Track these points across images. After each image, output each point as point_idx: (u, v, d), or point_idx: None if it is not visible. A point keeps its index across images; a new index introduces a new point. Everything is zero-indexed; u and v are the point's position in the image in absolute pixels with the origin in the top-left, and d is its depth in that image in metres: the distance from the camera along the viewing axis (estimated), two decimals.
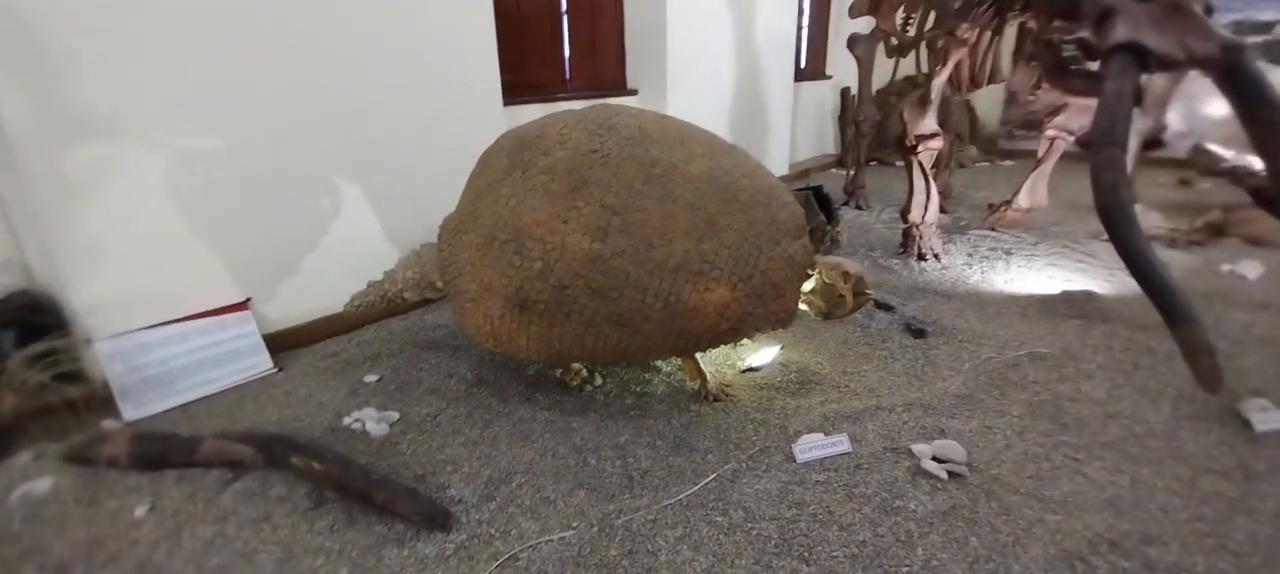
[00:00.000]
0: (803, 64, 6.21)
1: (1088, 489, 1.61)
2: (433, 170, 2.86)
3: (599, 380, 2.21)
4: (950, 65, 3.12)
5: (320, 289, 2.58)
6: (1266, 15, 5.13)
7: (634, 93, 4.25)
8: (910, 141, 3.30)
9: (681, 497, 1.63)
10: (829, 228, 3.21)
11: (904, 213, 3.46)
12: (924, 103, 3.24)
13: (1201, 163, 4.14)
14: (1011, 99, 6.68)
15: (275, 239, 2.47)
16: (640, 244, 1.75)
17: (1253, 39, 5.23)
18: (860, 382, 2.20)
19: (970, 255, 3.48)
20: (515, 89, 3.41)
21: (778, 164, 5.57)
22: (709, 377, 2.11)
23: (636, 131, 1.91)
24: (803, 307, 2.19)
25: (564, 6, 3.75)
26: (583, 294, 1.76)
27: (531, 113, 3.47)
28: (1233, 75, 2.01)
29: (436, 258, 2.17)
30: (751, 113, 5.07)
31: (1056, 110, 3.42)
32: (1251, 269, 3.06)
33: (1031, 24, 2.80)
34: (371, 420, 1.96)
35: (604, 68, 4.17)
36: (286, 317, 2.54)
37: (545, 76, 3.79)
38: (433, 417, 2.02)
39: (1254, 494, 1.57)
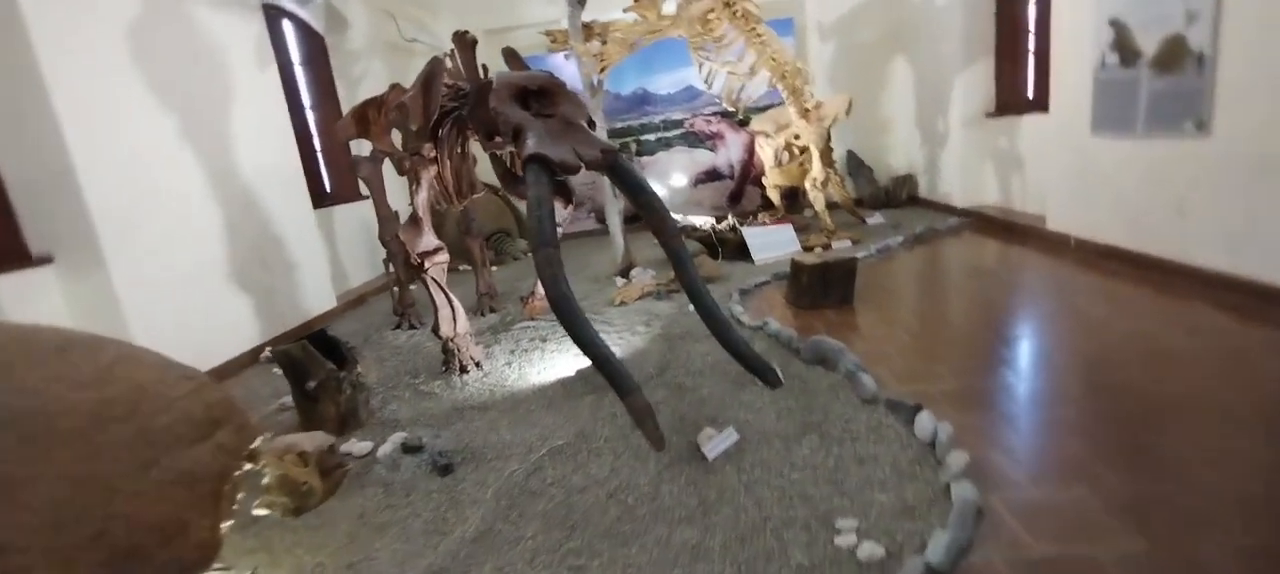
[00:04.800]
0: (329, 188, 5.75)
1: None
2: None
3: None
4: (426, 182, 3.14)
5: None
6: (676, 115, 7.12)
7: (47, 260, 3.06)
8: (415, 261, 3.18)
9: None
10: (343, 374, 2.80)
11: (434, 330, 3.30)
12: (416, 222, 3.17)
13: None
14: None
15: None
16: None
17: (674, 133, 7.16)
18: (372, 568, 1.80)
19: (512, 352, 3.54)
20: None
21: (320, 297, 4.91)
22: None
23: None
24: (262, 512, 1.69)
25: None
26: None
27: None
28: (615, 170, 2.42)
29: None
30: (263, 252, 4.31)
31: None
32: None
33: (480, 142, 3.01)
34: None
35: None
36: None
37: None
38: None
39: (710, 529, 1.76)
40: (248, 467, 1.65)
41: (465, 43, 3.23)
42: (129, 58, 3.37)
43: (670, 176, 7.29)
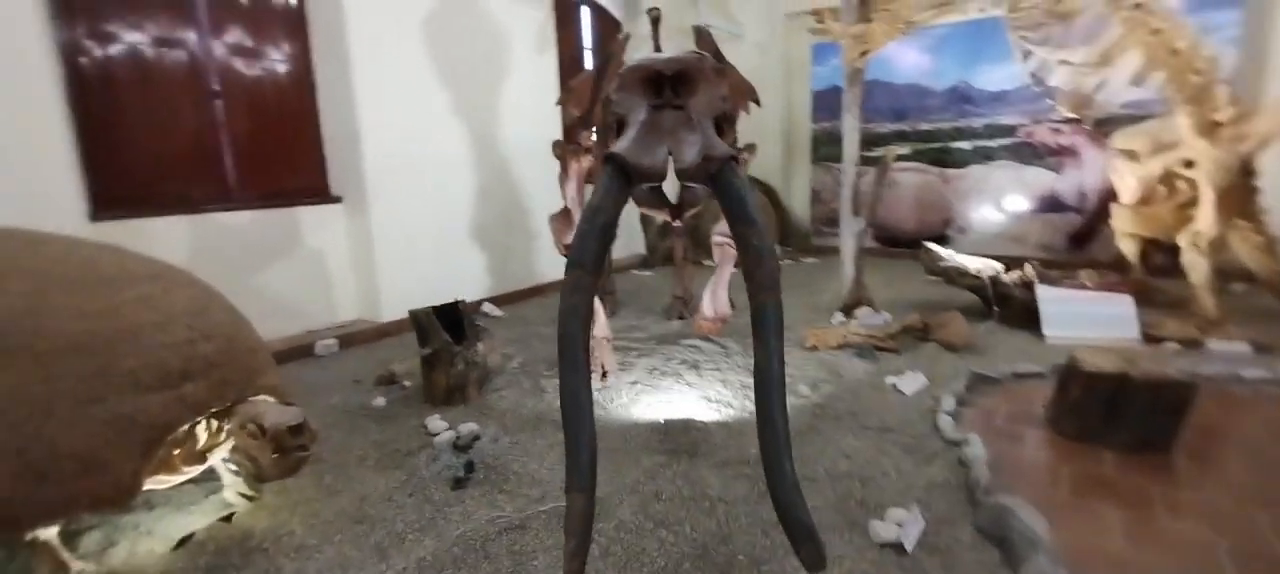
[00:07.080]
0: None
1: None
2: None
3: None
4: (577, 173, 2.95)
5: None
6: (1007, 120, 5.37)
7: (338, 199, 3.97)
8: (561, 252, 3.07)
9: None
10: (457, 349, 2.88)
11: None
12: (565, 213, 3.04)
13: (924, 261, 4.06)
14: (816, 198, 6.75)
15: None
16: None
17: (999, 143, 5.44)
18: (310, 564, 1.75)
19: (650, 371, 3.17)
20: (123, 202, 3.07)
21: (554, 266, 5.31)
22: (71, 563, 1.63)
23: None
24: (233, 468, 1.79)
25: (221, 111, 3.48)
26: None
27: (157, 229, 3.13)
28: (717, 184, 1.78)
29: None
30: (509, 217, 4.85)
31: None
32: (913, 384, 2.83)
33: None
34: None
35: (301, 173, 3.89)
36: None
37: (191, 187, 3.42)
38: None
39: None
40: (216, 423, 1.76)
41: (650, 18, 2.89)
42: (418, 42, 4.06)
43: (983, 199, 5.63)
